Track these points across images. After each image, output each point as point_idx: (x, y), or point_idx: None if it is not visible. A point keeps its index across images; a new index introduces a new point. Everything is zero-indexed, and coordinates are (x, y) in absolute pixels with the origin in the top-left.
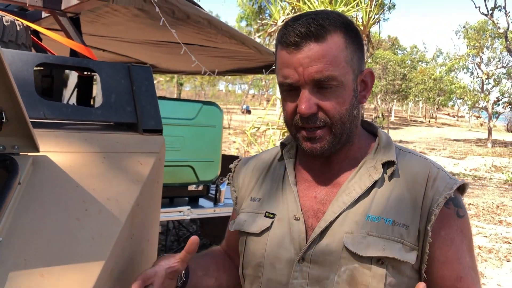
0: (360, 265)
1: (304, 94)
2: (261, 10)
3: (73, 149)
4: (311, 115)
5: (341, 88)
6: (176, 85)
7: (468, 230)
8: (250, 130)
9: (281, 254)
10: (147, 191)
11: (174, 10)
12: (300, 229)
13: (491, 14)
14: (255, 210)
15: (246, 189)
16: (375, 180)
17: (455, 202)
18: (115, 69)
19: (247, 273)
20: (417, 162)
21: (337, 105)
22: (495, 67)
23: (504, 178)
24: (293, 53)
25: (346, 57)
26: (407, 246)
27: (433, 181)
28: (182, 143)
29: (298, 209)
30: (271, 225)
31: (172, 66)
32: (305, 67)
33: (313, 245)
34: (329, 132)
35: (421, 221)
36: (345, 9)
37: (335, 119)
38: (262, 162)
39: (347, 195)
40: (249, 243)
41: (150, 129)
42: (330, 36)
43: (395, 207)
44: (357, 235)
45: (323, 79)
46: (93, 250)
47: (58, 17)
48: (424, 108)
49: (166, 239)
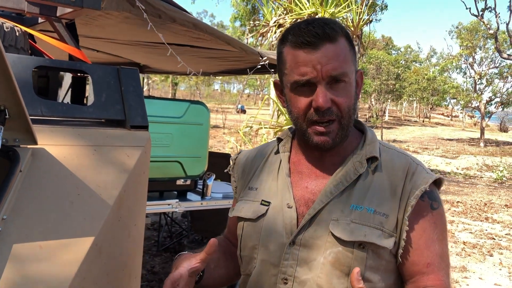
0: (344, 248)
1: (321, 89)
2: (254, 11)
3: (67, 142)
4: (327, 109)
5: (348, 84)
6: (171, 85)
7: (441, 221)
8: (243, 130)
9: (274, 238)
10: (133, 180)
11: (160, 14)
12: (292, 216)
13: (481, 15)
14: (253, 198)
15: (245, 179)
16: (359, 174)
17: (430, 196)
18: (106, 71)
19: (244, 255)
20: (398, 157)
21: (347, 100)
22: (487, 67)
23: (494, 177)
24: (311, 53)
25: (351, 57)
26: (386, 233)
27: (411, 175)
28: (170, 140)
29: (291, 198)
30: (266, 212)
31: (164, 67)
32: (323, 65)
33: (303, 231)
34: (339, 125)
35: (399, 211)
36: (335, 10)
37: (345, 112)
38: (260, 155)
39: (335, 186)
40: (246, 227)
41: (137, 125)
42: (340, 38)
43: (377, 198)
44: (342, 222)
45: (338, 75)
46: (84, 227)
47: (53, 23)
48: (418, 107)
49: (159, 235)
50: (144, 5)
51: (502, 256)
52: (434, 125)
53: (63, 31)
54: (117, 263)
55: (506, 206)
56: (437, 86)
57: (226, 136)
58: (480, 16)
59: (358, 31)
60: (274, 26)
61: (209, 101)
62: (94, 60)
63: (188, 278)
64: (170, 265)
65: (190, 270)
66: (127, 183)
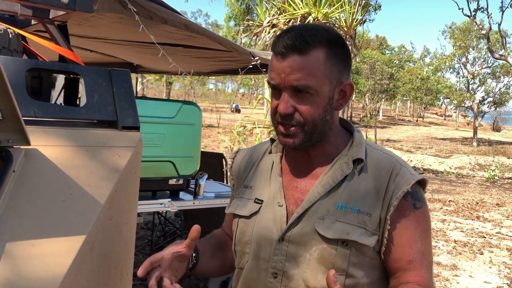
0: (328, 245)
1: (284, 96)
2: (248, 10)
3: (60, 143)
4: (287, 114)
5: (316, 96)
6: (165, 84)
7: (423, 220)
8: (237, 129)
9: (265, 234)
10: (124, 180)
11: (152, 16)
12: (282, 213)
13: (474, 16)
14: (247, 196)
15: (241, 178)
16: (345, 175)
17: (413, 195)
18: (98, 73)
19: (238, 249)
20: (383, 158)
21: (311, 110)
22: (480, 67)
23: (487, 176)
24: (280, 61)
25: (324, 70)
26: (369, 231)
27: (395, 176)
28: (163, 140)
29: (281, 197)
30: (259, 209)
31: (157, 66)
32: (287, 74)
33: (291, 228)
34: (301, 130)
35: (382, 210)
36: (328, 10)
37: (308, 121)
38: (256, 154)
39: (322, 186)
40: (240, 224)
41: (128, 126)
42: (312, 51)
43: (361, 198)
44: (327, 220)
45: (299, 87)
46: (76, 226)
47: (46, 25)
48: (412, 107)
49: (152, 235)
50: (136, 7)
51: (492, 254)
52: (427, 124)
53: (56, 33)
54: (109, 261)
55: (497, 205)
56: (430, 86)
57: (221, 136)
58: (472, 17)
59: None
60: (268, 26)
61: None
62: (87, 60)
63: (175, 262)
64: None
65: (175, 254)
66: (119, 183)
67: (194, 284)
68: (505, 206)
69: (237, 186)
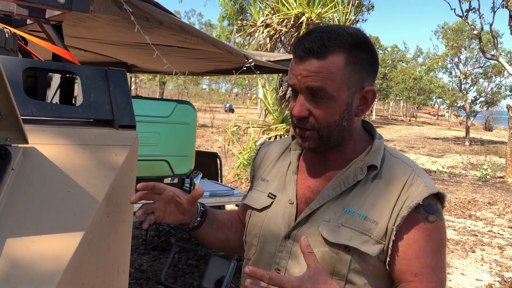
0: (330, 249)
1: (299, 98)
2: (242, 10)
3: (57, 141)
4: (302, 117)
5: (332, 101)
6: (158, 84)
7: (437, 234)
8: (231, 129)
9: (273, 229)
10: (121, 178)
11: (148, 17)
12: (291, 211)
13: (466, 16)
14: (262, 189)
15: (261, 170)
16: (358, 180)
17: (427, 209)
18: (94, 73)
19: (247, 240)
20: (400, 168)
21: (326, 115)
22: (472, 67)
23: (479, 175)
24: (298, 64)
25: (343, 75)
26: (373, 240)
27: (408, 186)
28: (158, 139)
29: (293, 194)
30: (270, 204)
31: (151, 66)
32: (303, 77)
33: (298, 227)
34: (317, 134)
35: (390, 220)
36: (322, 10)
37: (323, 126)
38: (278, 149)
39: (333, 189)
40: (252, 216)
41: (125, 125)
42: (330, 56)
43: (370, 205)
44: (333, 224)
45: (315, 89)
46: (74, 223)
47: (42, 24)
48: (405, 107)
49: (146, 234)
50: (132, 8)
51: (484, 253)
52: (420, 124)
53: (51, 32)
54: (106, 257)
55: (489, 203)
56: (423, 86)
57: (214, 136)
58: (464, 17)
59: None
60: (262, 26)
61: (197, 100)
62: (81, 60)
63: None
64: (158, 264)
65: (176, 197)
66: (115, 181)
67: (188, 283)
68: (496, 204)
69: (256, 178)
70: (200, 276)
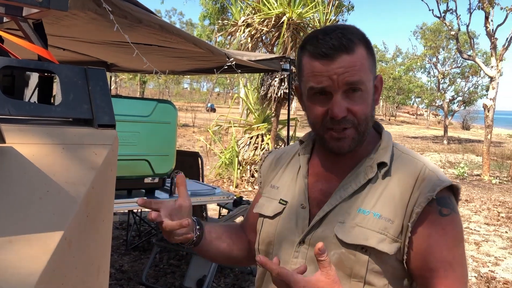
0: (346, 250)
1: (336, 98)
2: (223, 10)
3: (36, 141)
4: (342, 117)
5: (365, 92)
6: (139, 83)
7: (453, 228)
8: (213, 128)
9: (287, 236)
10: (101, 178)
11: (127, 15)
12: (304, 216)
13: (443, 17)
14: (273, 196)
15: (269, 177)
16: (369, 178)
17: (440, 202)
18: (73, 71)
19: (261, 249)
20: (410, 163)
21: (363, 108)
22: (450, 67)
23: (456, 173)
24: (327, 63)
25: (369, 65)
26: (390, 238)
27: (420, 181)
28: (138, 139)
29: (305, 199)
30: (282, 210)
31: (132, 65)
32: (339, 75)
33: (313, 231)
34: (355, 131)
35: (405, 217)
36: (303, 10)
37: (361, 120)
38: (286, 155)
39: (344, 190)
40: (265, 224)
41: (104, 124)
42: (357, 48)
43: (384, 203)
44: (347, 225)
45: (355, 83)
46: (54, 222)
47: (19, 23)
48: (385, 106)
49: (127, 234)
50: (110, 6)
51: None
52: (400, 123)
53: (29, 31)
54: (86, 257)
55: (466, 201)
56: (402, 85)
57: (196, 135)
58: (442, 18)
59: None
60: (243, 26)
61: (178, 99)
62: (60, 59)
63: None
64: (139, 264)
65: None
66: (95, 180)
67: (170, 283)
68: (473, 202)
69: (264, 185)
70: (182, 275)
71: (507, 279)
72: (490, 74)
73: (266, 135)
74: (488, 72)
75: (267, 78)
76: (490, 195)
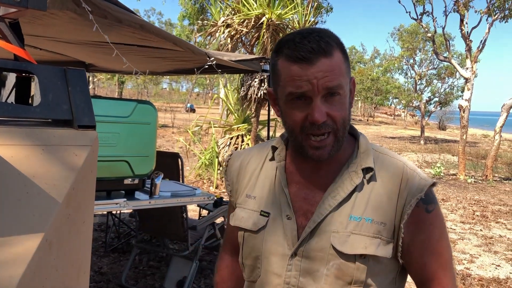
0: (346, 260)
1: (316, 103)
2: (203, 10)
3: (15, 142)
4: (322, 122)
5: (343, 96)
6: (117, 83)
7: (437, 221)
8: (193, 129)
9: (276, 249)
10: (81, 179)
11: (106, 15)
12: (292, 227)
13: (420, 19)
14: (251, 207)
15: (240, 184)
16: (356, 185)
17: (424, 200)
18: (52, 72)
19: (247, 263)
20: (391, 164)
21: (341, 112)
22: (426, 68)
23: (433, 173)
24: (306, 67)
25: (345, 69)
26: (384, 241)
27: (406, 182)
28: (117, 139)
29: (290, 209)
30: (266, 223)
31: (111, 66)
32: (319, 79)
33: (304, 243)
34: (334, 138)
35: (396, 218)
36: (282, 11)
37: (340, 125)
38: (255, 160)
39: (332, 198)
40: (247, 238)
41: (84, 125)
42: (335, 52)
43: (373, 207)
44: (342, 234)
45: (334, 87)
46: (34, 224)
47: None
48: (363, 107)
49: (106, 236)
50: (90, 6)
51: None
52: (377, 123)
53: (6, 30)
54: (67, 259)
55: (442, 200)
56: (380, 86)
57: (175, 136)
58: (419, 20)
59: None
60: (222, 26)
61: (157, 100)
62: (37, 59)
63: None
64: (118, 266)
65: None
66: (75, 182)
67: (150, 284)
68: (449, 201)
69: (237, 194)
70: (162, 277)
71: (481, 276)
72: (465, 75)
73: (246, 135)
74: (463, 74)
75: (247, 78)
76: (466, 194)
